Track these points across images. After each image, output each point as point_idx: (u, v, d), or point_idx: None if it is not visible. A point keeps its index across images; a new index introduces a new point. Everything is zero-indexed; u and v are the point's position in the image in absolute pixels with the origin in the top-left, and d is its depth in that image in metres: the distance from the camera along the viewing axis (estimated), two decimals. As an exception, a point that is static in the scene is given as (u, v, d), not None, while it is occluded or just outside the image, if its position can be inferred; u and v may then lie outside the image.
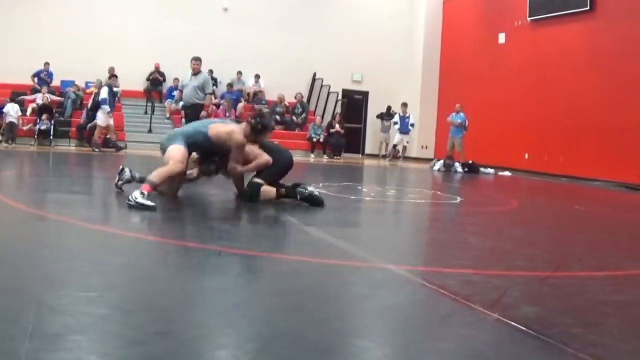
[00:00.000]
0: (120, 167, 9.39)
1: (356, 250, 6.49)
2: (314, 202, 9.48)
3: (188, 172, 9.40)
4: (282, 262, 5.73)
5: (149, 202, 8.00)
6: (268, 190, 9.42)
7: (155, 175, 8.49)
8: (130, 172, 9.36)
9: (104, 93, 23.26)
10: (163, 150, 9.02)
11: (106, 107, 23.16)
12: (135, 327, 3.49)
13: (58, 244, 5.90)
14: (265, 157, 9.20)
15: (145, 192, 8.13)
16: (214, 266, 5.37)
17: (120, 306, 3.91)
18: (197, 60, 16.71)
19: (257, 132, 9.20)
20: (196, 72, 16.68)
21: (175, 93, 19.25)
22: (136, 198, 7.99)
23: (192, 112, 16.64)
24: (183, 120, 20.28)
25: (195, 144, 9.05)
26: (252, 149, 9.23)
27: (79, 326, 3.45)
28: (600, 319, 4.39)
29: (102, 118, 23.27)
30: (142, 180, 8.99)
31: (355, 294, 4.73)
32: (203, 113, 17.21)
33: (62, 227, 6.92)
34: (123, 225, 7.30)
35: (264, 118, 9.38)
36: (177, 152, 8.78)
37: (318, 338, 3.55)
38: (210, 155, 9.39)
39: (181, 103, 20.32)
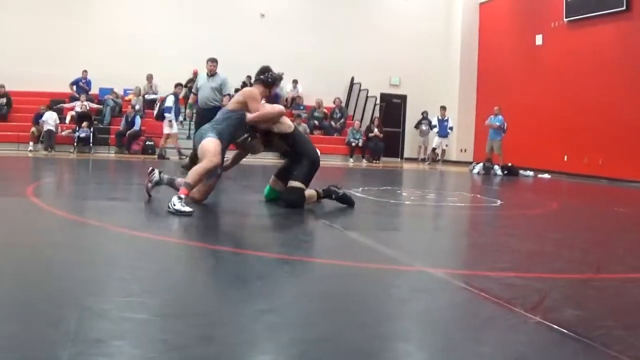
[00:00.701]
0: (150, 167, 9.30)
1: (397, 254, 6.48)
2: (347, 202, 9.76)
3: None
4: (322, 266, 5.73)
5: (186, 209, 8.03)
6: (310, 194, 9.47)
7: (191, 176, 8.50)
8: (160, 173, 9.20)
9: (169, 102, 23.44)
10: (195, 143, 9.11)
11: (170, 115, 23.32)
12: (176, 332, 3.50)
13: (98, 249, 5.94)
14: (279, 107, 9.51)
15: (183, 197, 8.15)
16: (253, 271, 5.38)
17: (160, 311, 3.93)
18: (213, 61, 16.77)
19: (270, 84, 9.49)
20: (213, 74, 16.61)
21: (190, 97, 18.89)
22: (174, 205, 8.01)
23: (209, 114, 15.14)
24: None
25: (225, 130, 9.05)
26: (270, 106, 9.50)
27: (121, 331, 3.48)
28: (642, 321, 4.37)
29: (166, 126, 23.42)
30: (171, 183, 9.07)
31: (396, 297, 4.72)
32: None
33: (103, 233, 6.96)
34: (161, 231, 7.33)
35: (268, 71, 9.61)
36: (209, 145, 8.76)
37: (359, 342, 3.55)
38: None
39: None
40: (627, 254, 7.24)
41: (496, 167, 24.67)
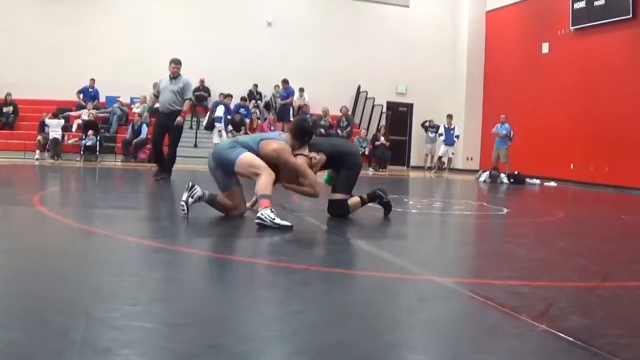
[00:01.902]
0: (190, 183, 8.72)
1: (403, 263, 6.48)
2: (388, 209, 10.03)
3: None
4: (329, 275, 5.73)
5: (286, 223, 7.97)
6: (355, 202, 9.56)
7: (264, 189, 8.21)
8: (201, 189, 8.80)
9: (219, 111, 23.85)
10: (218, 161, 8.69)
11: (220, 125, 23.52)
12: (184, 341, 3.50)
13: (105, 258, 5.94)
14: (312, 178, 9.02)
15: (273, 210, 8.03)
16: (261, 279, 5.40)
17: (168, 320, 3.94)
18: (177, 63, 15.74)
19: (297, 137, 9.05)
20: (175, 76, 15.69)
21: (149, 99, 17.98)
22: (273, 219, 7.88)
23: (169, 119, 15.52)
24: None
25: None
26: (309, 174, 9.02)
27: (128, 340, 3.48)
28: (649, 329, 4.37)
29: (215, 135, 23.56)
30: (211, 201, 8.76)
31: (403, 306, 4.73)
32: (179, 119, 15.71)
33: (109, 242, 6.97)
34: (168, 240, 7.33)
35: (306, 131, 9.16)
36: (249, 158, 8.47)
37: (368, 351, 3.55)
38: None
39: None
40: (634, 262, 7.24)
41: (502, 175, 24.66)
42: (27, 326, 3.61)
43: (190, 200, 8.50)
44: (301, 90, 30.04)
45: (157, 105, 16.00)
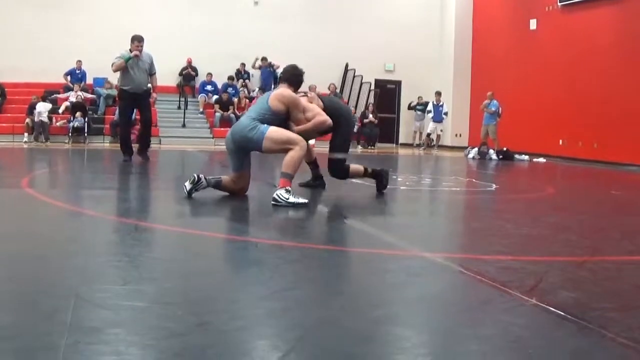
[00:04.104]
0: (194, 176, 8.46)
1: (392, 239, 6.49)
2: (381, 187, 9.89)
3: None
4: (318, 252, 5.74)
5: (302, 200, 7.98)
6: (357, 169, 9.61)
7: (289, 167, 8.11)
8: (206, 179, 8.50)
9: None
10: (239, 144, 8.51)
11: None
12: (174, 320, 3.50)
13: (94, 239, 5.93)
14: (322, 117, 9.01)
15: (290, 188, 8.00)
16: (251, 258, 5.40)
17: (158, 299, 3.93)
18: (140, 40, 15.00)
19: (293, 82, 8.96)
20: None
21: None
22: (287, 199, 7.86)
23: (144, 98, 15.13)
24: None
25: (266, 121, 8.45)
26: (312, 107, 9.07)
27: (118, 319, 3.48)
28: (638, 302, 4.38)
29: None
30: (217, 185, 8.67)
31: (392, 282, 4.73)
32: (155, 96, 16.05)
33: (98, 223, 6.97)
34: (157, 219, 7.34)
35: (298, 73, 9.10)
36: (278, 133, 8.31)
37: (357, 327, 3.55)
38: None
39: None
40: (623, 237, 7.24)
41: (491, 151, 24.66)
42: (15, 308, 3.62)
43: (194, 191, 8.39)
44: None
45: (124, 87, 15.11)
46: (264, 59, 28.92)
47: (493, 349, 3.32)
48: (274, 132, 8.28)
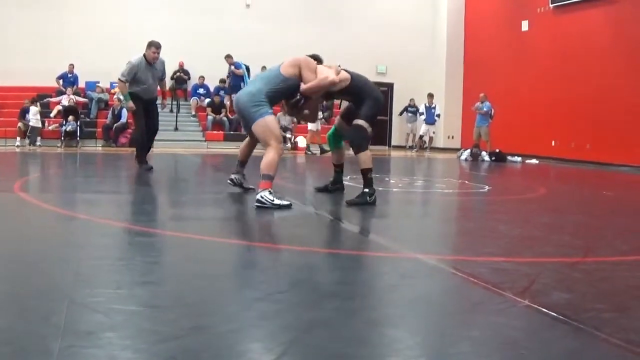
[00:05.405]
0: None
1: (385, 241, 6.49)
2: (363, 201, 9.15)
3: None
4: (311, 254, 5.74)
5: (285, 202, 8.04)
6: (368, 158, 9.57)
7: (270, 168, 8.15)
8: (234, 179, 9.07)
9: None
10: (240, 113, 8.68)
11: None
12: (167, 323, 3.50)
13: (87, 242, 5.92)
14: (331, 77, 8.92)
15: (272, 190, 8.05)
16: (243, 260, 5.40)
17: (151, 302, 3.93)
18: (157, 47, 14.66)
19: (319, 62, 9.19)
20: (155, 61, 14.67)
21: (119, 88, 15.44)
22: (272, 200, 7.91)
23: (153, 104, 15.02)
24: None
25: (276, 96, 8.68)
26: (324, 70, 9.02)
27: (112, 323, 3.47)
28: (631, 303, 4.39)
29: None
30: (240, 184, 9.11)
31: (385, 284, 4.73)
32: (164, 102, 15.97)
33: (91, 226, 6.95)
34: (149, 223, 7.33)
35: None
36: (274, 128, 8.46)
37: (350, 328, 3.56)
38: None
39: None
40: (616, 238, 7.25)
41: (484, 153, 24.71)
42: (9, 311, 3.61)
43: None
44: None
45: (134, 90, 14.82)
46: (228, 56, 28.45)
47: (486, 350, 3.33)
48: (269, 122, 8.41)
